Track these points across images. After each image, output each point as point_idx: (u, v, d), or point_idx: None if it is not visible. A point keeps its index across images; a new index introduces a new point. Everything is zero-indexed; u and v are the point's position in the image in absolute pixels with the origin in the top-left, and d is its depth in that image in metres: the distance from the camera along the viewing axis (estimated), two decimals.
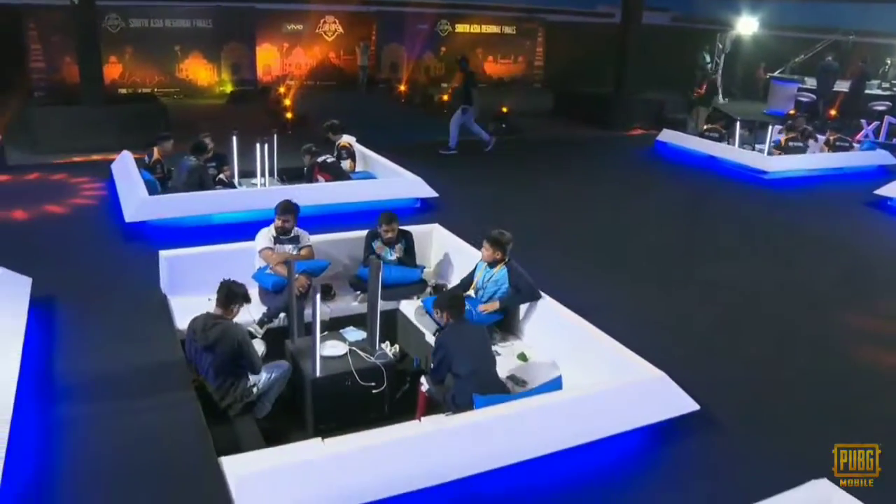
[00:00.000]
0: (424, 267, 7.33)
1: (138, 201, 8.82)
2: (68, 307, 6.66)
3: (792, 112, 16.29)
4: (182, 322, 6.05)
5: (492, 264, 6.41)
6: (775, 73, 22.38)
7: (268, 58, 22.68)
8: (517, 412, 4.62)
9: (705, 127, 14.85)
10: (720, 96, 22.05)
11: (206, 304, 5.88)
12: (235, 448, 4.65)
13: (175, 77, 21.40)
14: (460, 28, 24.49)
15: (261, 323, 6.46)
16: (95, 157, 12.45)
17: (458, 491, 4.25)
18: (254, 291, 6.42)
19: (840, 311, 7.52)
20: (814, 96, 19.49)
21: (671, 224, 10.53)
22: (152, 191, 9.28)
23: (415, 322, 6.67)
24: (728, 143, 14.01)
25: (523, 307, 6.36)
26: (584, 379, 5.37)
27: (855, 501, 3.88)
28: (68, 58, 19.37)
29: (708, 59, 21.36)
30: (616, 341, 5.50)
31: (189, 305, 6.22)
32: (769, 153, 13.04)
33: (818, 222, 10.67)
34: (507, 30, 25.00)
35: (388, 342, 6.46)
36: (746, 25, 22.13)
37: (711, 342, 6.78)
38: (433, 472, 4.17)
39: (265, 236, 6.93)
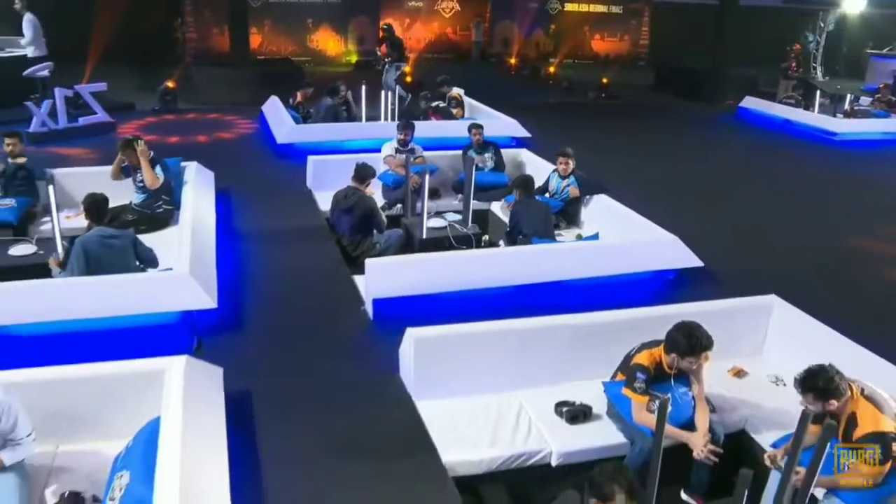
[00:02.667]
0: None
1: (287, 128, 11.05)
2: (240, 194, 8.81)
3: (882, 85, 17.08)
4: (324, 206, 8.10)
5: (564, 174, 8.18)
6: (876, 51, 22.73)
7: None
8: (560, 247, 6.40)
9: (783, 95, 16.01)
10: (819, 74, 22.62)
11: None
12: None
13: (307, 46, 23.80)
14: (569, 7, 25.91)
15: (381, 209, 8.41)
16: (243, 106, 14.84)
17: (518, 291, 6.07)
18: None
19: (849, 235, 8.79)
20: None
21: (732, 167, 12.05)
22: (296, 123, 11.49)
23: (502, 217, 8.46)
24: (808, 111, 15.13)
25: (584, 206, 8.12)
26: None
27: (796, 311, 5.39)
28: (216, 29, 22.08)
29: (810, 37, 22.02)
30: (651, 221, 7.14)
31: (328, 197, 8.22)
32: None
33: (867, 170, 12.00)
34: (615, 9, 26.22)
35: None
36: (853, 4, 22.49)
37: (739, 238, 8.29)
38: (499, 278, 6.02)
39: (389, 147, 8.92)
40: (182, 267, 5.76)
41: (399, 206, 8.46)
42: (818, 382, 3.80)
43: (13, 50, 14.75)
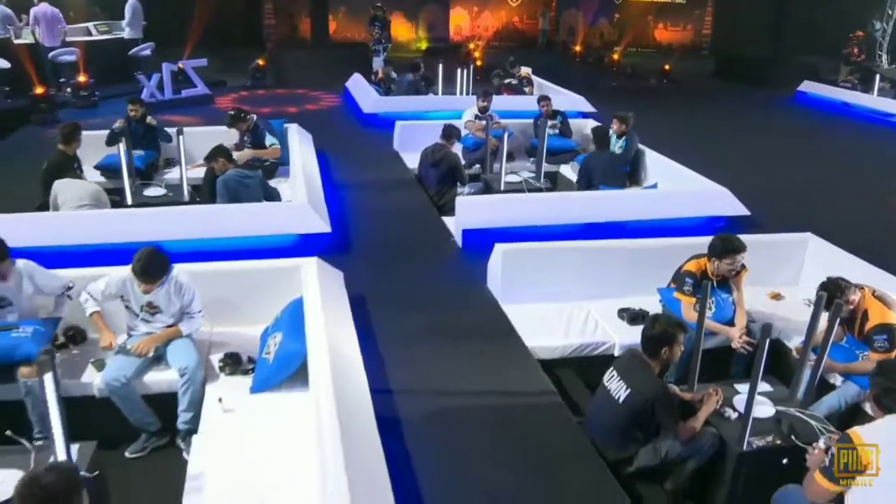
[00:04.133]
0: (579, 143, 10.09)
1: (373, 99, 12.25)
2: (334, 154, 9.92)
3: None
4: (411, 165, 9.17)
5: (619, 135, 9.08)
6: None
7: (459, 19, 25.81)
8: (623, 193, 7.35)
9: (841, 79, 16.53)
10: (884, 61, 22.74)
11: None
12: None
13: None
14: None
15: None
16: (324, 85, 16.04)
17: (586, 229, 7.01)
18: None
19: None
20: None
21: (786, 141, 12.80)
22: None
23: (570, 177, 9.39)
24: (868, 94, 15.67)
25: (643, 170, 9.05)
26: None
27: (830, 246, 6.18)
28: (293, 15, 23.40)
29: (877, 25, 22.23)
30: (701, 175, 8.00)
31: (412, 157, 9.28)
32: None
33: None
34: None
35: None
36: None
37: (786, 197, 9.04)
38: (569, 217, 6.99)
39: (469, 113, 9.94)
40: (300, 199, 6.87)
41: (478, 165, 9.45)
42: (828, 283, 4.69)
43: (118, 33, 16.20)
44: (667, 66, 19.84)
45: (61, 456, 3.43)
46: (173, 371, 4.67)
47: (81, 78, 13.57)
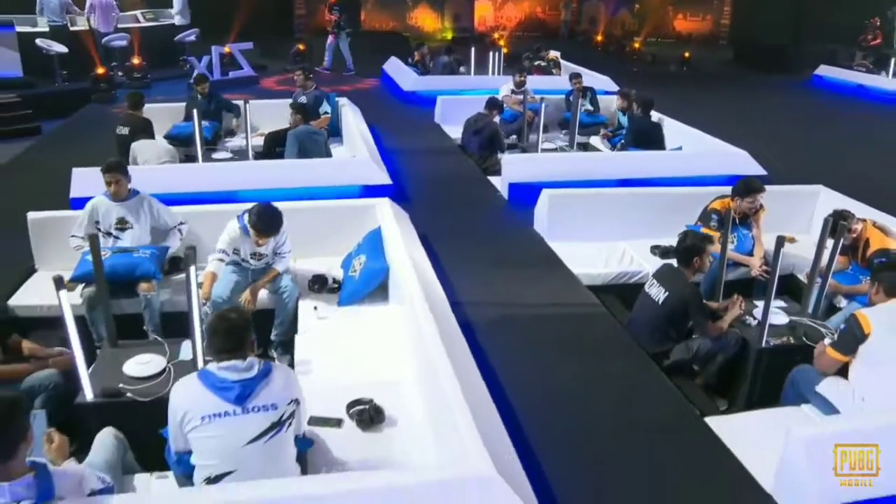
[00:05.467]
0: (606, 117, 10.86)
1: (413, 79, 13.17)
2: (381, 126, 10.66)
3: None
4: (453, 135, 9.98)
5: (622, 110, 9.87)
6: None
7: (484, 10, 26.55)
8: (652, 153, 8.20)
9: (855, 63, 17.18)
10: None
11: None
12: None
13: (406, 23, 25.73)
14: None
15: None
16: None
17: (619, 184, 7.74)
18: None
19: None
20: None
21: (801, 116, 13.51)
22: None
23: (600, 148, 10.14)
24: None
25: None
26: None
27: (840, 195, 6.88)
28: (322, 5, 24.18)
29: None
30: (717, 139, 8.78)
31: (453, 129, 10.09)
32: None
33: None
34: None
35: None
36: None
37: (800, 161, 9.69)
38: (604, 173, 7.77)
39: (506, 88, 10.73)
40: (363, 154, 7.69)
41: (514, 136, 10.22)
42: (834, 212, 5.45)
43: (165, 20, 17.12)
44: (686, 54, 20.49)
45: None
46: (266, 292, 5.44)
47: (136, 60, 14.45)
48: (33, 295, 5.50)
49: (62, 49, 13.87)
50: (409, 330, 4.62)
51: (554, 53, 15.12)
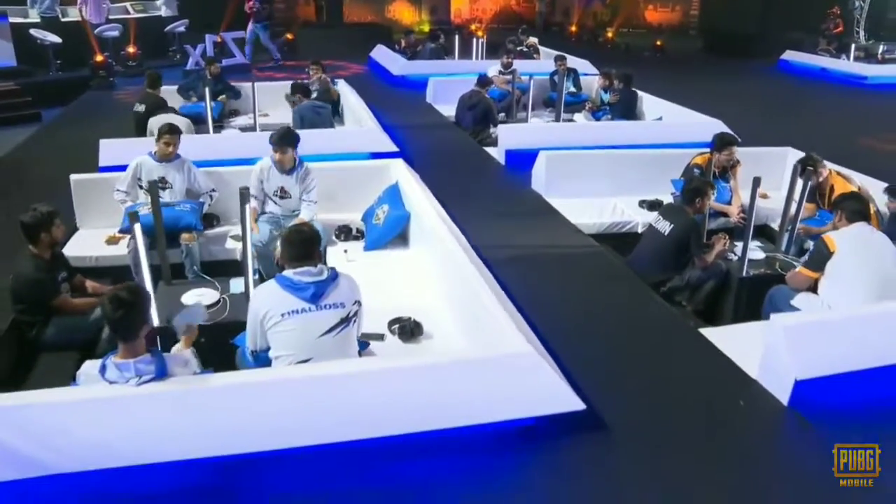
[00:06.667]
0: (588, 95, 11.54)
1: (402, 63, 13.83)
2: (376, 105, 11.21)
3: None
4: (446, 113, 10.58)
5: (604, 88, 10.61)
6: None
7: (459, 3, 27.23)
8: (637, 123, 8.81)
9: (819, 49, 18.10)
10: (861, 37, 24.12)
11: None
12: None
13: (384, 16, 26.30)
14: None
15: None
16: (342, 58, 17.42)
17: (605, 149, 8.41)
18: None
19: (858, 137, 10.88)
20: None
21: (768, 96, 14.27)
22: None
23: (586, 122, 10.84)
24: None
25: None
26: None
27: None
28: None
29: (856, 3, 23.66)
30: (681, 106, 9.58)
31: (445, 108, 10.71)
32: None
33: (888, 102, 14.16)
34: None
35: None
36: None
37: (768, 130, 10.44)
38: (591, 140, 8.39)
39: (494, 69, 11.40)
40: (370, 125, 8.28)
41: (503, 114, 10.85)
42: (803, 157, 6.15)
43: (153, 12, 17.55)
44: (659, 42, 21.29)
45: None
46: None
47: (131, 49, 14.91)
48: (79, 249, 6.03)
49: (56, 39, 14.30)
50: (437, 262, 5.23)
51: (533, 39, 15.85)
